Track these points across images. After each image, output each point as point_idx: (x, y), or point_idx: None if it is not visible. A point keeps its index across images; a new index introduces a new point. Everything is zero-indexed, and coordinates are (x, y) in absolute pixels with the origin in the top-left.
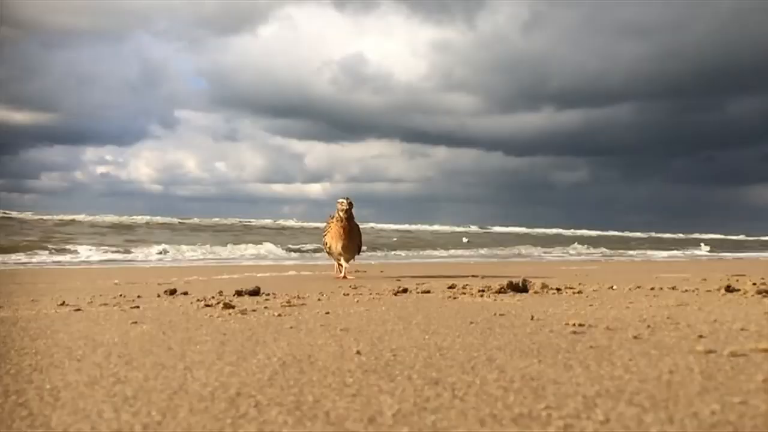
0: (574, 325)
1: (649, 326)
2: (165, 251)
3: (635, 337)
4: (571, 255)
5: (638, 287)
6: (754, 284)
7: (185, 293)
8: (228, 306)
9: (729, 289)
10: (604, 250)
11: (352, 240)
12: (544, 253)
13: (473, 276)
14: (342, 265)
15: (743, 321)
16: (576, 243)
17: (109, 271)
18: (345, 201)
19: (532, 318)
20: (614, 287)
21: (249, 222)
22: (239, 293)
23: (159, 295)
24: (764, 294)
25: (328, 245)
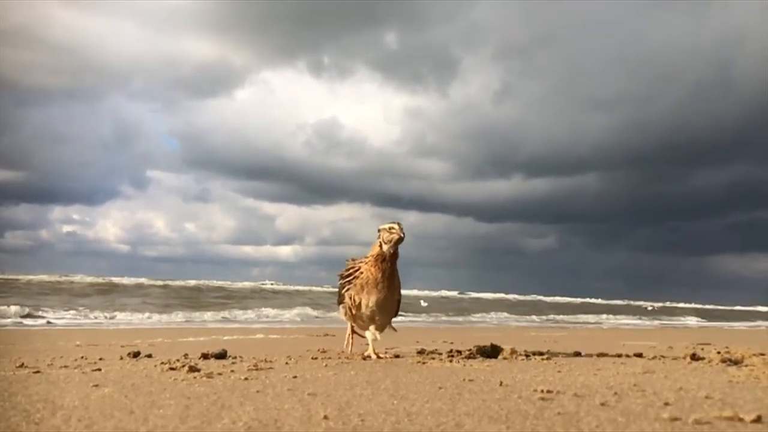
0: (542, 391)
1: (616, 393)
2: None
3: (602, 404)
4: (539, 321)
5: (605, 354)
6: (719, 353)
7: (149, 356)
8: (193, 369)
9: (694, 357)
10: (567, 317)
11: (393, 292)
12: (509, 318)
13: (443, 341)
14: (365, 336)
15: (708, 389)
16: (551, 312)
17: (71, 332)
18: (398, 226)
19: (501, 384)
20: (582, 353)
21: (230, 284)
22: (205, 356)
23: (122, 358)
24: (728, 363)
25: (352, 300)
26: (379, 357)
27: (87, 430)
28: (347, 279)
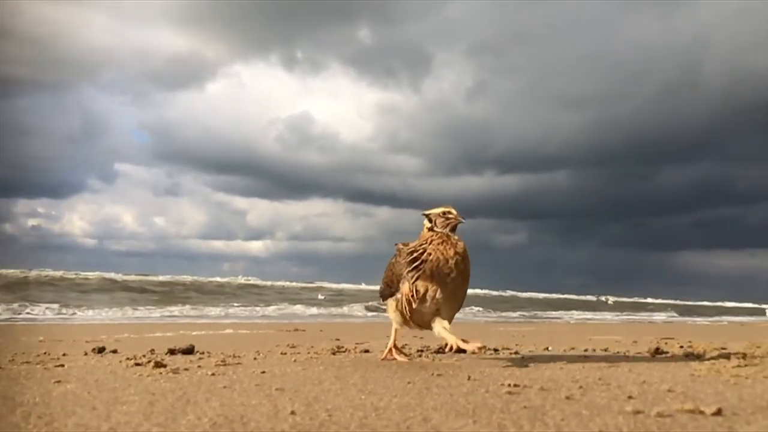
0: (509, 385)
1: (581, 387)
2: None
3: (568, 398)
4: (510, 317)
5: (572, 348)
6: (682, 347)
7: (114, 351)
8: (159, 365)
9: (658, 351)
10: (539, 312)
11: (465, 282)
12: (480, 313)
13: (413, 336)
14: (437, 331)
15: (670, 382)
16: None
17: (34, 328)
18: (455, 211)
19: (469, 378)
20: (549, 348)
21: (200, 279)
22: (172, 351)
23: (86, 353)
24: (691, 357)
25: (412, 292)
26: (470, 350)
27: (47, 428)
28: (414, 265)
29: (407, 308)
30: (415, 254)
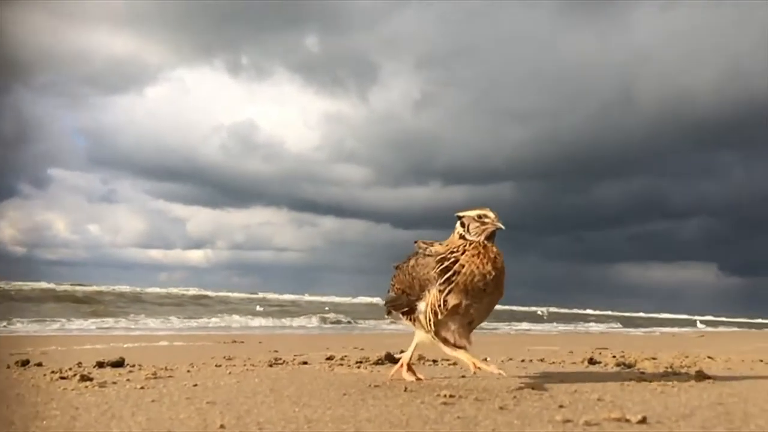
0: (445, 396)
1: (515, 397)
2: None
3: (501, 408)
4: None
5: (510, 359)
6: (614, 357)
7: (39, 364)
8: (85, 378)
9: (591, 361)
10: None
11: (499, 298)
12: None
13: (354, 347)
14: (453, 352)
15: (601, 391)
16: None
17: None
18: (493, 214)
19: (406, 389)
20: (487, 359)
21: (136, 289)
22: (101, 364)
23: (9, 366)
24: (622, 366)
25: (439, 302)
26: (480, 368)
27: None
28: (446, 276)
29: (431, 321)
30: (446, 263)
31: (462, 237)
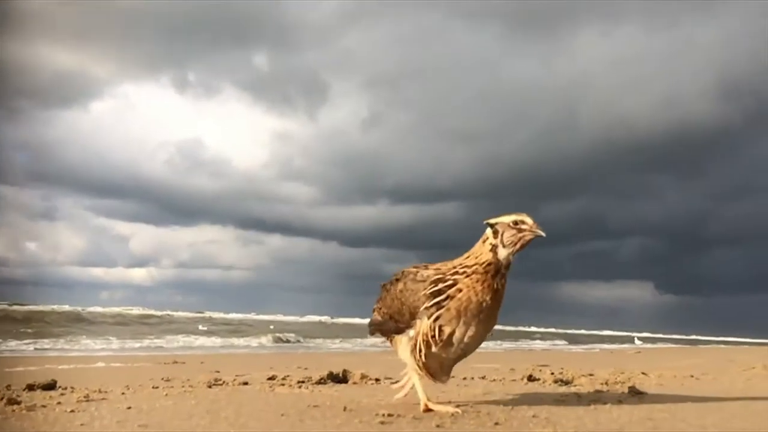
0: (384, 415)
1: (452, 415)
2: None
3: (438, 426)
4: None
5: (453, 376)
6: (553, 374)
7: None
8: (12, 401)
9: (531, 378)
10: None
11: (495, 320)
12: (373, 342)
13: (298, 367)
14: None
15: (537, 409)
16: None
17: None
18: (531, 220)
19: (345, 409)
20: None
21: (76, 309)
22: (31, 387)
23: None
24: (560, 383)
25: (436, 332)
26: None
27: None
28: (437, 300)
29: (422, 352)
30: (440, 285)
31: (494, 249)
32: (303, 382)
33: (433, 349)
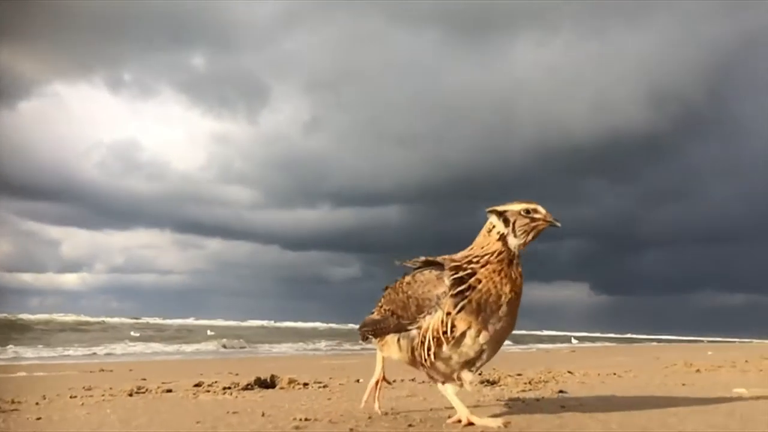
0: (300, 419)
1: (370, 418)
2: None
3: (351, 429)
4: (325, 350)
5: (385, 380)
6: (481, 374)
7: None
8: None
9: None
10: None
11: (512, 318)
12: (311, 346)
13: (229, 372)
14: (448, 390)
15: (453, 410)
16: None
17: None
18: (543, 209)
19: (263, 414)
20: (360, 380)
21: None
22: None
23: None
24: (486, 383)
25: (445, 327)
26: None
27: None
28: (460, 288)
29: (431, 351)
30: (461, 273)
31: (503, 238)
32: (229, 388)
33: (444, 347)
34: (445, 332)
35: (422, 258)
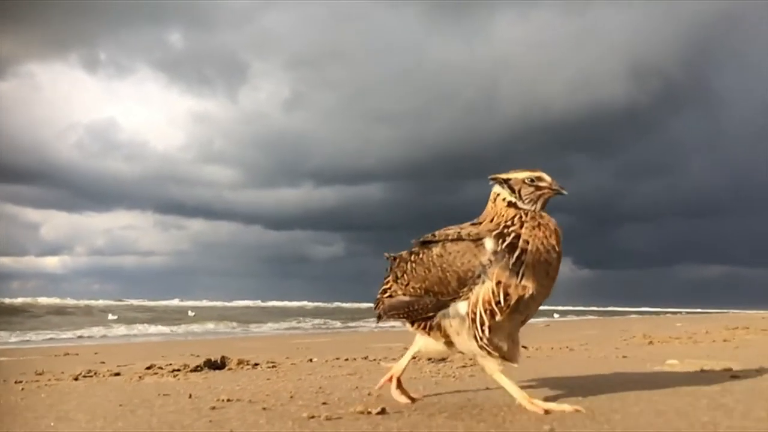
0: (221, 400)
1: (292, 397)
2: None
3: (264, 409)
4: (310, 329)
5: (337, 359)
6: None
7: None
8: None
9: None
10: (354, 323)
11: (555, 275)
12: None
13: (191, 354)
14: (489, 365)
15: (372, 388)
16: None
17: None
18: (548, 177)
19: (191, 396)
20: (313, 360)
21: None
22: None
23: None
24: (430, 360)
25: (497, 297)
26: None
27: None
28: (517, 254)
29: (484, 324)
30: (508, 239)
31: (512, 205)
32: (178, 370)
33: (497, 317)
34: (498, 302)
35: (449, 229)
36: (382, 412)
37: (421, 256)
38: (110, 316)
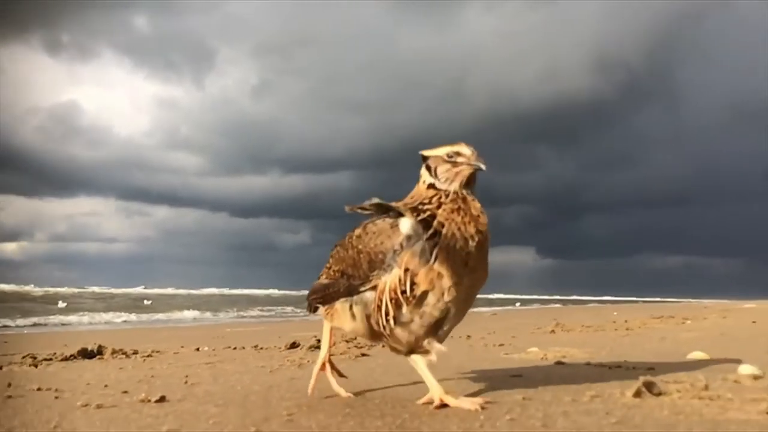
0: (38, 390)
1: (106, 386)
2: None
3: (57, 398)
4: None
5: (262, 348)
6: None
7: None
8: None
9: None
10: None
11: (483, 267)
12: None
13: (95, 342)
14: (417, 362)
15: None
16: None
17: None
18: (470, 150)
19: (38, 390)
20: (205, 349)
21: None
22: None
23: None
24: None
25: (403, 286)
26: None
27: None
28: (430, 233)
29: (389, 315)
30: (422, 216)
31: (431, 186)
32: (50, 360)
33: (404, 309)
34: (404, 291)
35: (375, 200)
36: (161, 399)
37: (347, 236)
38: (60, 304)
